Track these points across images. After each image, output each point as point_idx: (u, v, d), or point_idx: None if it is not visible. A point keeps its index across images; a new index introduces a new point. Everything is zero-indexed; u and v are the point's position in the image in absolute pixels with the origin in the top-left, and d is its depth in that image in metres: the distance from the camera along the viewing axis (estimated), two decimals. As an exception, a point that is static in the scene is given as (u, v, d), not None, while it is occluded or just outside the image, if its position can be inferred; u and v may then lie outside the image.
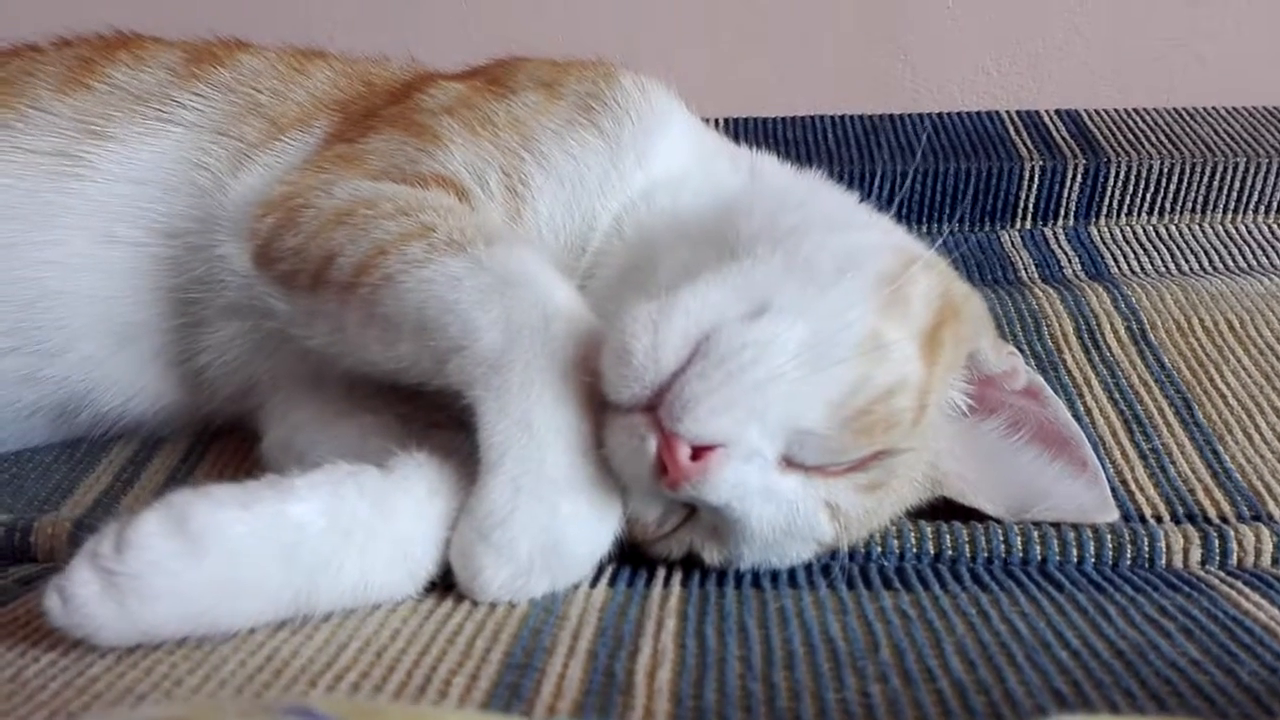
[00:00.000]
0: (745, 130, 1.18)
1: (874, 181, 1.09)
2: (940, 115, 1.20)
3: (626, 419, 0.57)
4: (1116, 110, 1.20)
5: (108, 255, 0.79)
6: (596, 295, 0.71)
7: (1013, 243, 1.06)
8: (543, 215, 0.74)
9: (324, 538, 0.55)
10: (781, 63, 1.39)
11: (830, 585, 0.62)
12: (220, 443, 0.85)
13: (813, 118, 1.21)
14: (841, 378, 0.58)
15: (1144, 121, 1.17)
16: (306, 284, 0.70)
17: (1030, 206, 1.11)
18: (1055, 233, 1.08)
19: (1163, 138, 1.14)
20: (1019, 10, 1.36)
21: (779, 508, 0.59)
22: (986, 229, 1.09)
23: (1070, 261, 1.03)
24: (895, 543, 0.67)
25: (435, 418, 0.70)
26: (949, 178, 1.09)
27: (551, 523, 0.57)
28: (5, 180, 0.79)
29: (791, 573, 0.64)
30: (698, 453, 0.56)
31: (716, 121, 1.15)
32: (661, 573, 0.64)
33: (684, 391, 0.55)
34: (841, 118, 1.21)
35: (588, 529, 0.59)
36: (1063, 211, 1.11)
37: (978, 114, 1.20)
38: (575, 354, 0.60)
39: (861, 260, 0.63)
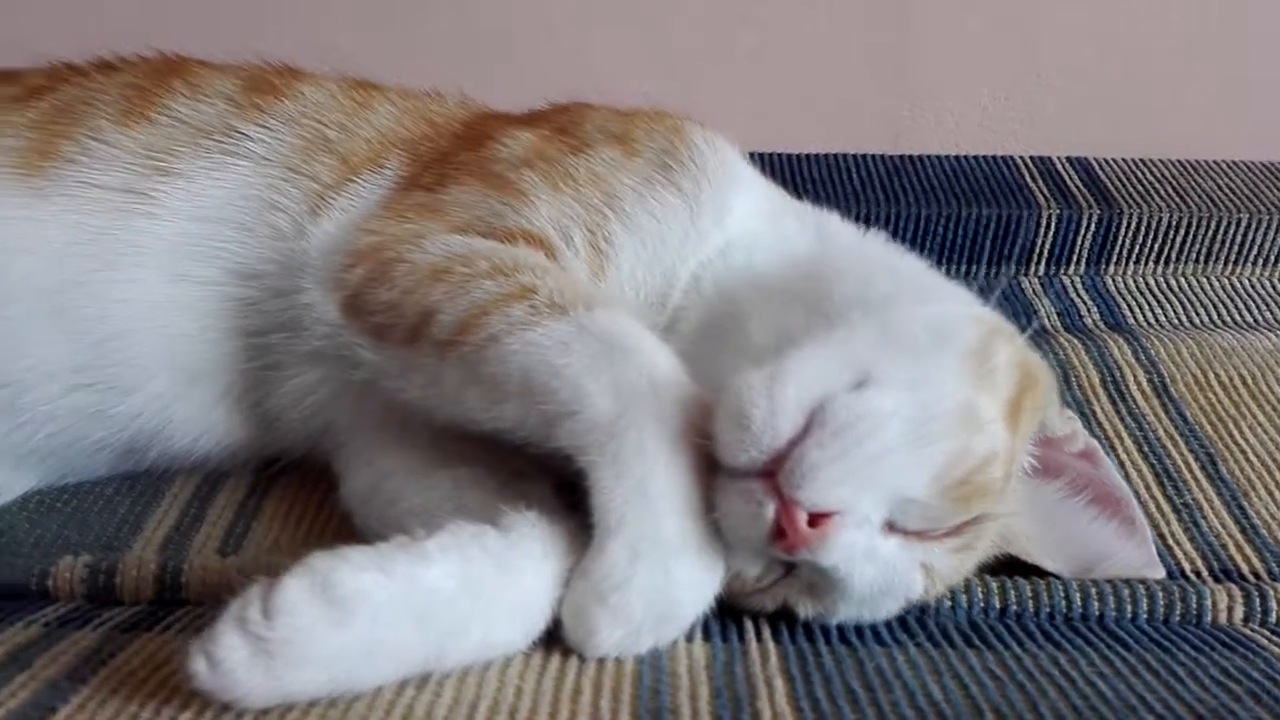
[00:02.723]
0: (766, 166, 1.21)
1: (897, 223, 1.13)
2: (957, 158, 1.25)
3: (742, 483, 0.60)
4: (1125, 160, 1.25)
5: (181, 294, 0.79)
6: (677, 351, 0.73)
7: (1034, 290, 1.10)
8: (625, 272, 0.76)
9: (455, 600, 0.57)
10: (783, 99, 1.42)
11: (917, 643, 0.65)
12: (284, 477, 0.85)
13: (835, 156, 1.24)
14: (943, 450, 0.61)
15: (1151, 173, 1.23)
16: (401, 338, 0.71)
17: (1045, 252, 1.15)
18: (1073, 280, 1.13)
19: (1170, 190, 1.19)
20: (1018, 54, 1.41)
21: (880, 569, 0.62)
22: (1003, 274, 1.14)
23: (1089, 311, 1.08)
24: (964, 597, 0.71)
25: (520, 466, 0.73)
26: (970, 223, 1.14)
27: (666, 586, 0.60)
28: (74, 217, 0.79)
29: (873, 628, 0.67)
30: (814, 519, 0.59)
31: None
32: (749, 626, 0.67)
33: (804, 460, 0.58)
34: (863, 157, 1.25)
35: (697, 591, 0.61)
36: (1075, 258, 1.16)
37: (992, 158, 1.25)
38: (684, 420, 0.62)
39: (951, 332, 0.66)
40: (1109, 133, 1.35)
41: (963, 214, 1.14)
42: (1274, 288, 1.12)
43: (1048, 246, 1.16)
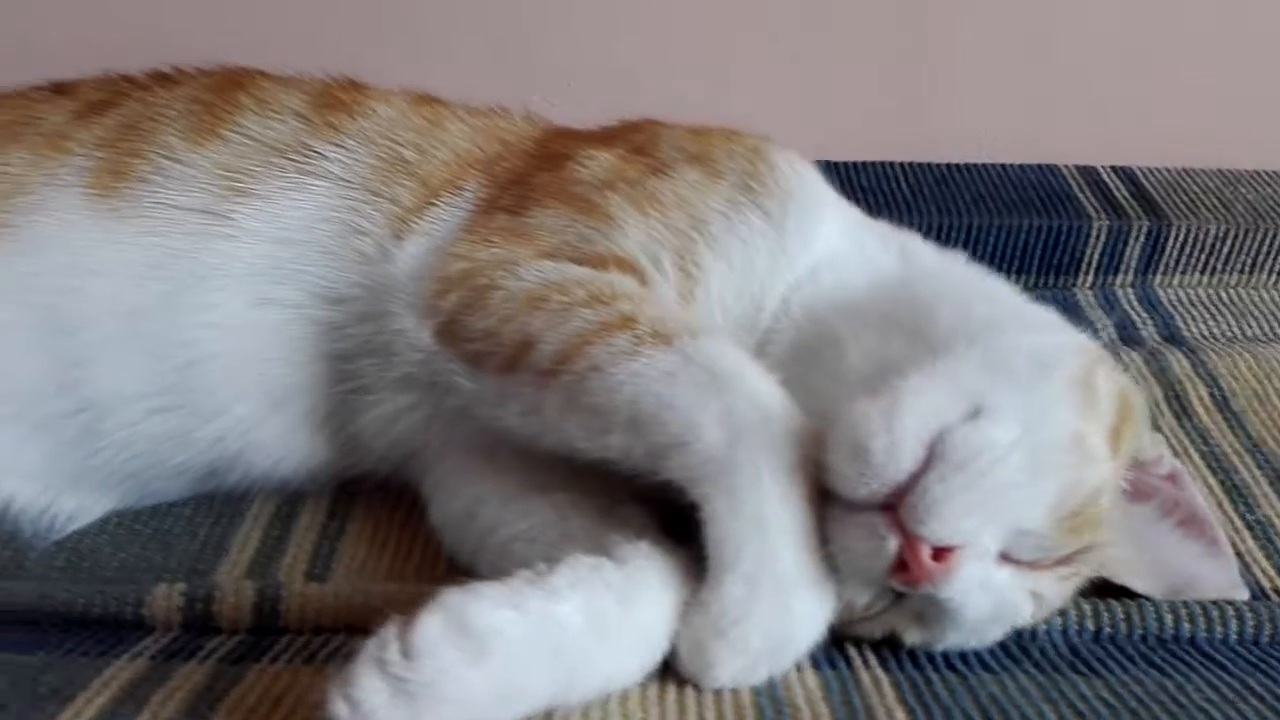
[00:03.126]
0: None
1: (948, 233, 1.13)
2: (1003, 167, 1.25)
3: (861, 516, 0.61)
4: (1168, 169, 1.26)
5: (264, 318, 0.79)
6: None
7: (1088, 302, 1.11)
8: (714, 296, 0.77)
9: (583, 636, 0.57)
10: (816, 105, 1.42)
11: (1024, 669, 0.66)
12: (364, 497, 0.85)
13: (884, 164, 1.24)
14: (1058, 482, 0.62)
15: (1195, 183, 1.24)
16: (499, 366, 0.71)
17: (1094, 263, 1.16)
18: (1125, 292, 1.14)
19: (1215, 200, 1.20)
20: (1050, 60, 1.42)
21: (993, 599, 0.63)
22: (1054, 285, 1.15)
23: (1145, 323, 1.08)
24: (1059, 620, 0.71)
25: (615, 491, 0.73)
26: (1020, 233, 1.14)
27: (783, 619, 0.60)
28: (152, 239, 0.79)
29: (977, 653, 0.68)
30: (937, 553, 0.59)
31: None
32: (854, 653, 0.67)
33: (927, 494, 0.59)
34: (912, 165, 1.25)
35: (811, 623, 0.62)
36: (1122, 268, 1.17)
37: (1037, 167, 1.26)
38: (797, 451, 0.62)
39: (1056, 361, 0.67)
40: (1145, 141, 1.35)
41: (1014, 224, 1.14)
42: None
43: (1096, 257, 1.16)
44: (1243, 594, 0.75)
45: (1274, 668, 0.68)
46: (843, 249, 0.81)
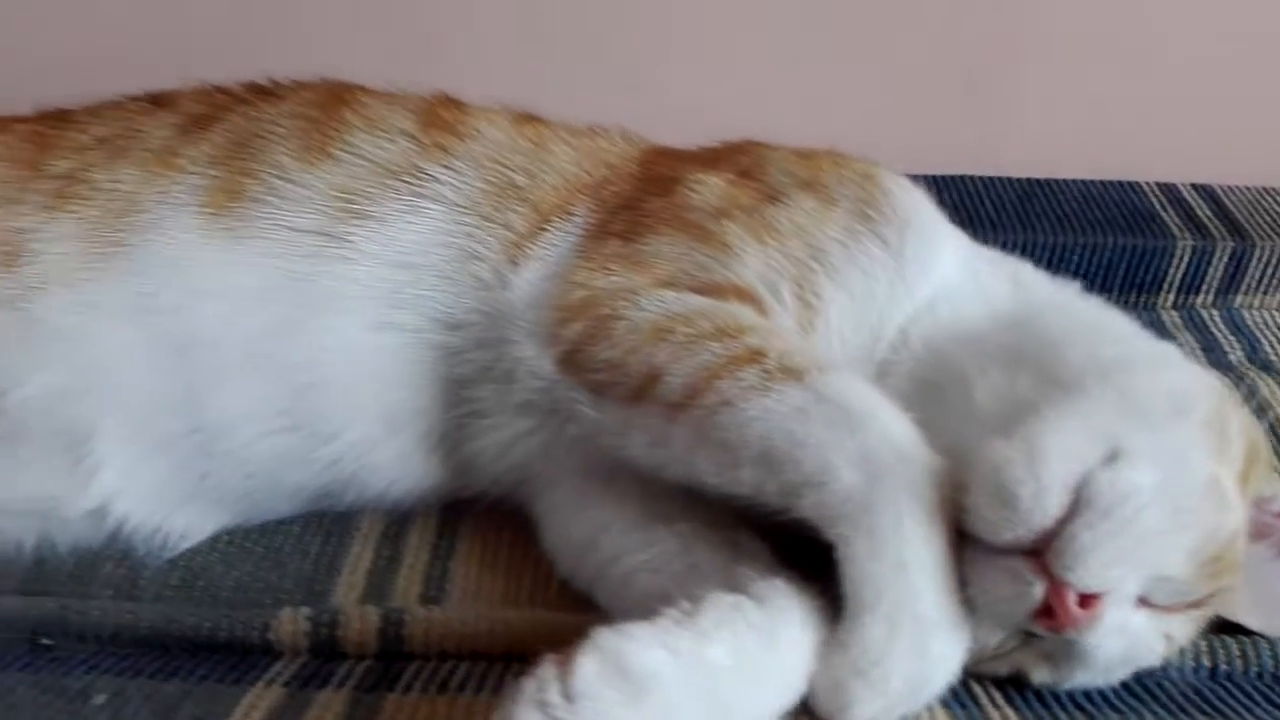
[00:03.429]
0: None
1: (1034, 251, 1.12)
2: (1085, 183, 1.24)
3: (1005, 561, 0.61)
4: (1248, 187, 1.25)
5: (383, 341, 0.79)
6: None
7: (1174, 323, 1.11)
8: (833, 326, 0.77)
9: (732, 677, 0.58)
10: (873, 118, 1.41)
11: (1150, 710, 0.67)
12: (470, 516, 0.85)
13: (968, 178, 1.24)
14: (1199, 528, 0.62)
15: (1275, 202, 1.23)
16: (625, 397, 0.71)
17: (1176, 282, 1.16)
18: (1210, 314, 1.14)
19: (1297, 219, 1.20)
20: (1120, 75, 1.41)
21: (1128, 643, 0.63)
22: (1136, 304, 1.14)
23: (1233, 347, 1.08)
24: (1178, 658, 0.72)
25: (732, 520, 0.73)
26: (1105, 252, 1.14)
27: (923, 662, 0.60)
28: (270, 260, 0.79)
29: (1100, 690, 0.68)
30: (1083, 599, 0.59)
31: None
32: (979, 691, 0.68)
33: (1075, 541, 0.59)
34: (995, 180, 1.25)
35: (949, 664, 0.62)
36: (1204, 288, 1.16)
37: (1117, 183, 1.25)
38: (935, 493, 0.63)
39: (1190, 401, 0.67)
40: (1215, 157, 1.34)
41: (1099, 243, 1.14)
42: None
43: (1179, 277, 1.16)
44: None
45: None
46: (958, 278, 0.81)
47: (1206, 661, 0.72)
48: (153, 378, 0.77)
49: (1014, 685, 0.68)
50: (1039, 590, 0.60)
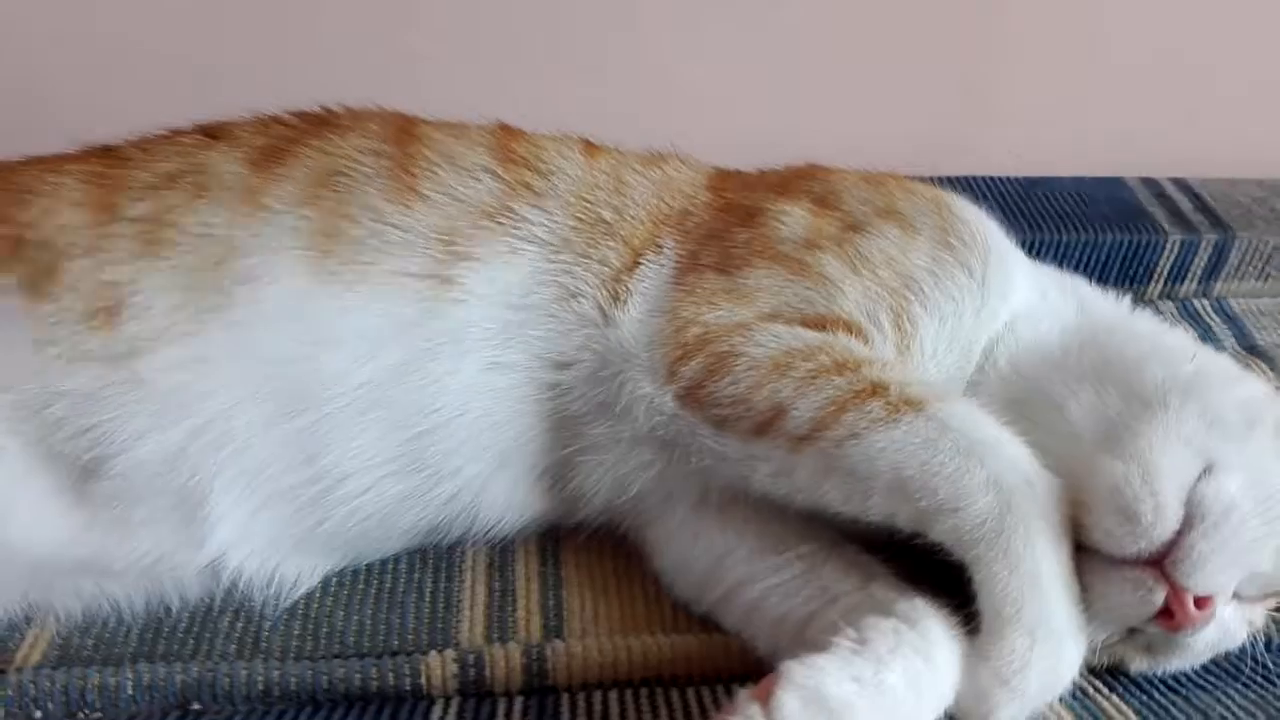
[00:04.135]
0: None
1: (1039, 250, 1.20)
2: (1075, 180, 1.32)
3: (1128, 571, 0.67)
4: (1217, 179, 1.35)
5: (495, 382, 0.81)
6: None
7: (1171, 314, 1.20)
8: (927, 351, 0.82)
9: (905, 697, 0.63)
10: (859, 122, 1.46)
11: (1234, 685, 0.74)
12: (570, 542, 0.88)
13: (965, 179, 1.30)
14: None
15: (1245, 194, 1.33)
16: (749, 430, 0.75)
17: (1164, 274, 1.25)
18: (1202, 304, 1.23)
19: (1268, 209, 1.30)
20: (1088, 73, 1.49)
21: (1220, 631, 0.71)
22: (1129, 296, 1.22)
23: (1226, 335, 1.18)
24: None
25: (850, 542, 0.78)
26: (1104, 249, 1.22)
27: (1057, 667, 0.66)
28: (383, 305, 0.79)
29: (1186, 674, 0.76)
30: (1198, 601, 0.66)
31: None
32: (1085, 684, 0.74)
33: (1193, 552, 0.66)
34: (991, 180, 1.31)
35: (1075, 665, 0.68)
36: (1188, 277, 1.26)
37: (1102, 180, 1.33)
38: (1059, 513, 0.69)
39: (1261, 412, 0.75)
40: (1181, 151, 1.44)
41: (1098, 240, 1.22)
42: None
43: (1167, 268, 1.25)
44: None
45: None
46: (1031, 299, 0.87)
47: (1277, 637, 0.80)
48: (268, 431, 0.77)
49: (1111, 674, 0.75)
50: (1160, 596, 0.67)
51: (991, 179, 1.31)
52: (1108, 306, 0.90)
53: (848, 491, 0.72)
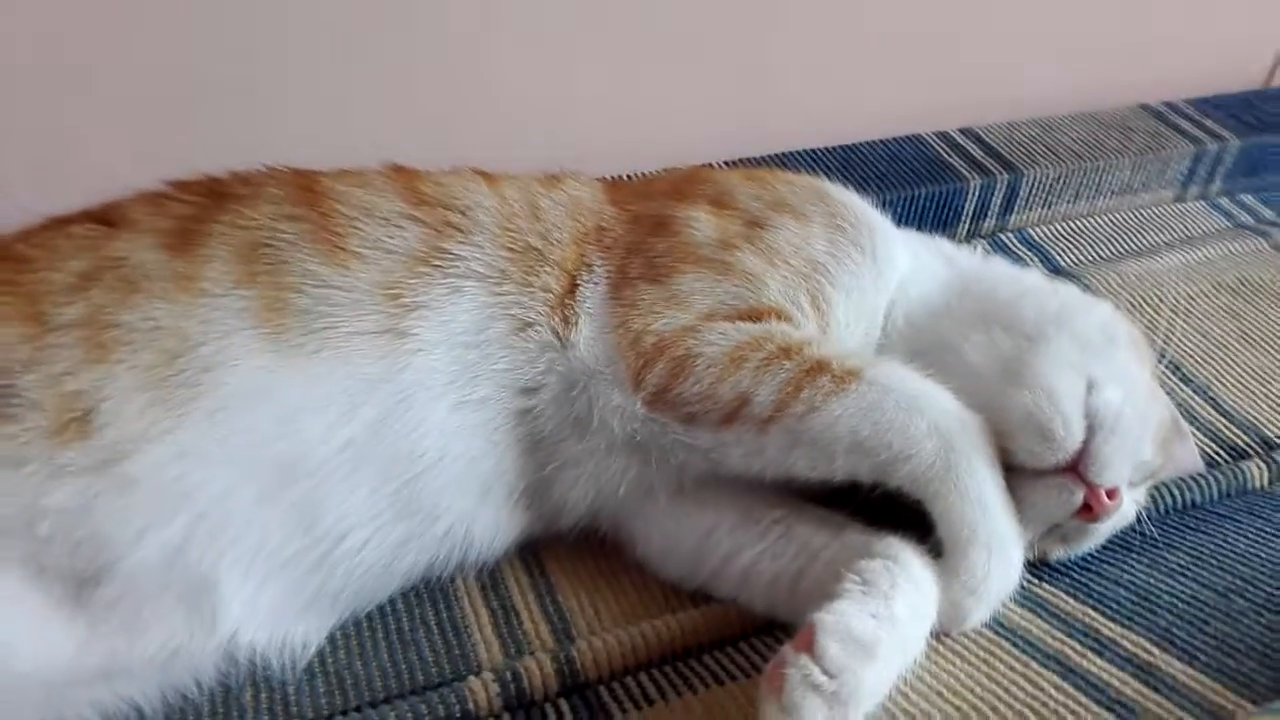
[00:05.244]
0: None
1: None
2: (871, 144, 1.48)
3: (1051, 480, 0.81)
4: (998, 125, 1.55)
5: (469, 419, 0.85)
6: None
7: (984, 249, 1.37)
8: (842, 324, 0.93)
9: (909, 621, 0.74)
10: (647, 108, 1.55)
11: (1134, 553, 0.91)
12: (545, 550, 0.95)
13: (786, 155, 1.43)
14: (1154, 422, 0.86)
15: (1022, 134, 1.53)
16: (717, 421, 0.84)
17: (969, 214, 1.43)
18: (1009, 238, 1.42)
19: (1043, 146, 1.50)
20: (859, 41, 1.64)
21: (1121, 516, 0.86)
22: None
23: (1034, 261, 1.37)
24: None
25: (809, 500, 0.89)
26: (919, 200, 1.39)
27: (1010, 570, 0.79)
28: (349, 368, 0.82)
29: (1092, 554, 0.92)
30: (1109, 493, 0.81)
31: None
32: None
33: (1100, 455, 0.80)
34: (811, 152, 1.45)
35: (1021, 566, 0.82)
36: (988, 215, 1.45)
37: (907, 138, 1.50)
38: (988, 442, 0.82)
39: (1115, 330, 0.91)
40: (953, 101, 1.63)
41: (914, 194, 1.38)
42: (1144, 215, 1.48)
43: (970, 209, 1.43)
44: (1202, 467, 1.03)
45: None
46: (910, 262, 0.99)
47: (1155, 508, 0.97)
48: (265, 507, 0.79)
49: (1036, 566, 0.90)
50: (1080, 495, 0.81)
51: (811, 151, 1.45)
52: (966, 257, 1.05)
53: (814, 458, 0.83)
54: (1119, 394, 0.84)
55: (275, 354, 0.81)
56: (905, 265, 0.99)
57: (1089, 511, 0.82)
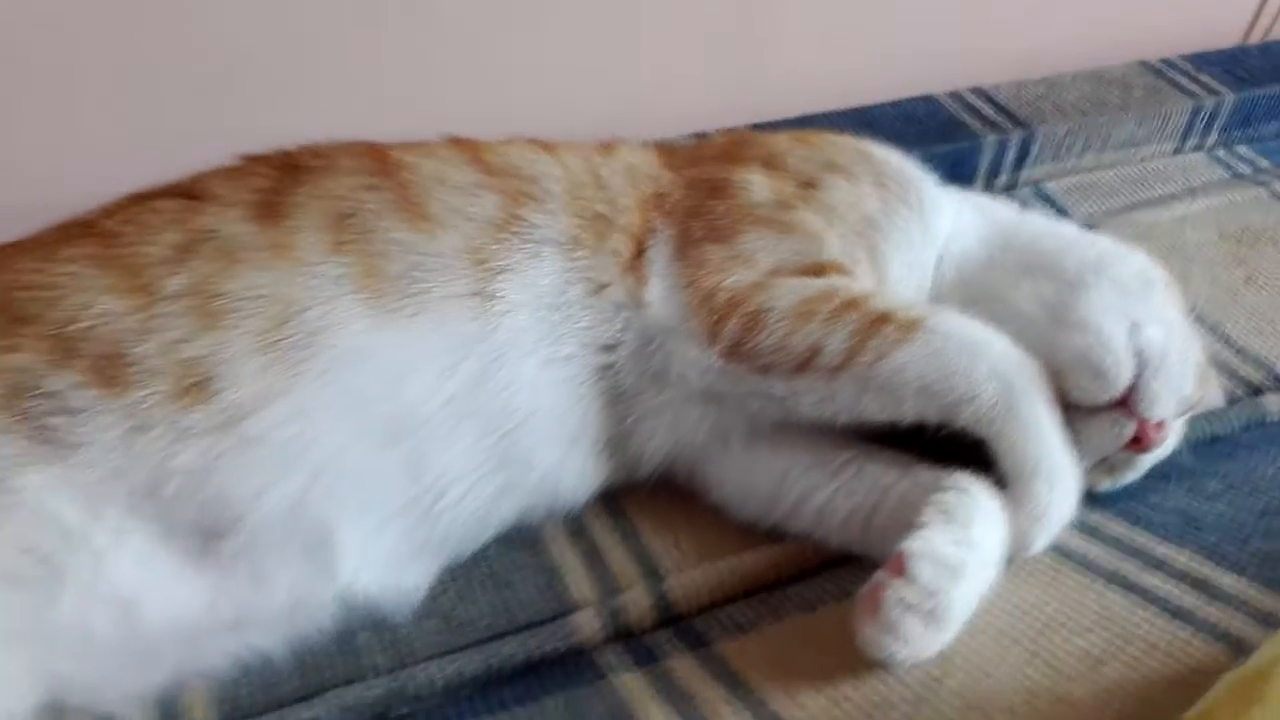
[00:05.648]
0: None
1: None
2: (896, 103, 1.54)
3: (1104, 415, 0.88)
4: (1002, 84, 1.61)
5: (555, 375, 0.91)
6: None
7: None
8: (895, 276, 0.99)
9: (987, 547, 0.81)
10: (641, 84, 1.58)
11: (1172, 481, 0.98)
12: (626, 496, 1.00)
13: (803, 118, 1.48)
14: (1194, 360, 0.93)
15: (1030, 92, 1.59)
16: (790, 371, 0.89)
17: (984, 172, 1.49)
18: (1025, 192, 1.48)
19: (1050, 105, 1.57)
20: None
21: (1166, 447, 0.93)
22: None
23: (1049, 216, 1.43)
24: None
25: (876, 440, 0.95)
26: (935, 160, 1.42)
27: (1069, 499, 0.85)
28: (447, 328, 0.86)
29: (1137, 484, 0.98)
30: (1157, 426, 0.88)
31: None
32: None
33: (1149, 390, 0.87)
34: (829, 114, 1.50)
35: (1078, 495, 0.88)
36: (1001, 172, 1.51)
37: (919, 99, 1.55)
38: (1044, 382, 0.88)
39: (1151, 275, 0.97)
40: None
41: (932, 154, 1.42)
42: (1148, 168, 1.55)
43: (985, 167, 1.49)
44: (1222, 403, 1.11)
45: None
46: (952, 217, 1.05)
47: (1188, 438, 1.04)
48: (376, 461, 0.84)
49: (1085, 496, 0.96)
50: (1131, 428, 0.88)
51: (826, 114, 1.50)
52: (1004, 211, 1.11)
53: (883, 402, 0.89)
54: (1161, 333, 0.91)
55: (376, 317, 0.85)
56: (950, 220, 1.05)
57: (1138, 443, 0.89)
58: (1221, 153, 1.61)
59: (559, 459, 0.92)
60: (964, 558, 0.78)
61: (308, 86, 1.41)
